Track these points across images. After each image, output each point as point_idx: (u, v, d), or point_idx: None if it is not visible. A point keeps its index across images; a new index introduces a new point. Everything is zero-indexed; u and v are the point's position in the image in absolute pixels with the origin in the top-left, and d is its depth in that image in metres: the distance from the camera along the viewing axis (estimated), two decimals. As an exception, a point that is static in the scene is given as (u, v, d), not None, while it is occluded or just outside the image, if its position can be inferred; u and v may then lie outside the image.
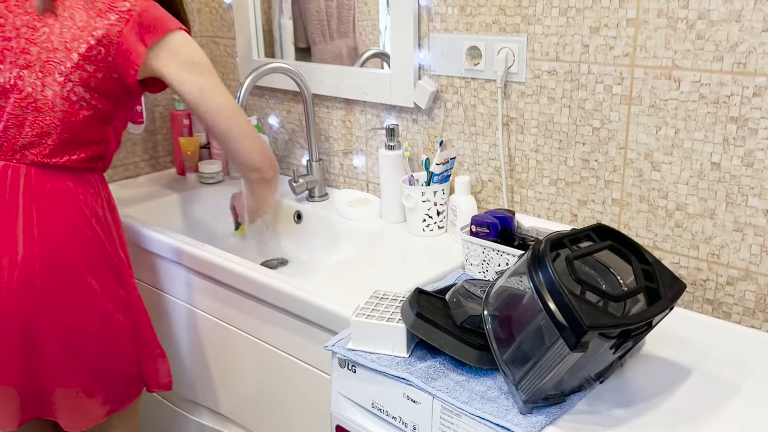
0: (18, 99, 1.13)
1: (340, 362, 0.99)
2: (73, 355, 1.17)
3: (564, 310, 0.75)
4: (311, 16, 1.69)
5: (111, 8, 1.13)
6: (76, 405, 1.20)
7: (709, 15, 1.03)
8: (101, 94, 1.16)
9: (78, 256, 1.17)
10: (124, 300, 1.23)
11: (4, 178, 1.15)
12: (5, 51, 1.14)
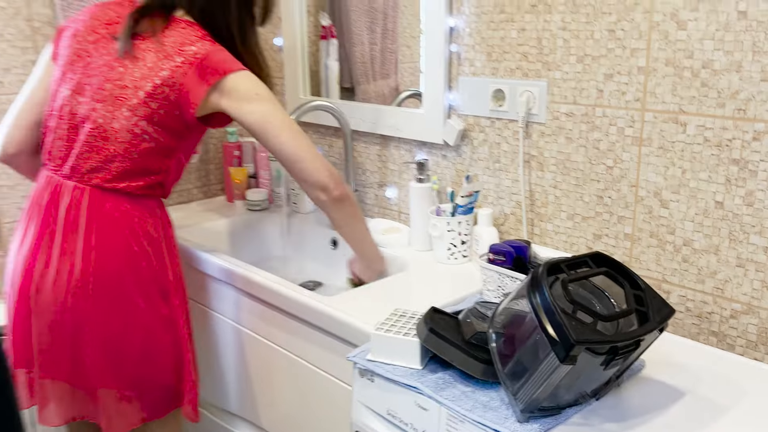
0: (91, 129, 1.28)
1: (360, 372, 1.08)
2: (114, 361, 1.29)
3: (555, 326, 0.83)
4: (356, 58, 1.83)
5: (178, 52, 1.26)
6: (115, 408, 1.31)
7: (712, 65, 1.11)
8: (163, 128, 1.29)
9: (127, 273, 1.29)
10: (167, 318, 1.33)
11: (72, 197, 1.30)
12: (86, 86, 1.29)
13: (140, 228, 1.31)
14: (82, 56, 1.30)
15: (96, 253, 1.27)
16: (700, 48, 1.12)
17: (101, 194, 1.29)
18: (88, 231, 1.28)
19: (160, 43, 1.27)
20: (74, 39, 1.32)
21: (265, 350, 1.44)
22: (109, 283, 1.27)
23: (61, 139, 1.31)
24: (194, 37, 1.28)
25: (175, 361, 1.36)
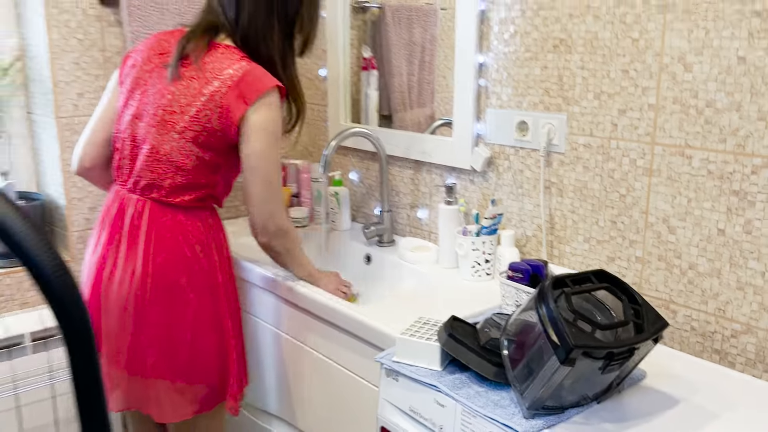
0: (148, 150, 1.43)
1: (387, 372, 1.21)
2: (167, 354, 1.44)
3: (557, 332, 0.95)
4: (394, 88, 1.98)
5: (216, 76, 1.40)
6: (167, 398, 1.45)
7: (715, 104, 1.22)
8: (208, 148, 1.42)
9: (181, 276, 1.44)
10: (214, 317, 1.48)
11: (136, 209, 1.46)
12: (144, 112, 1.44)
13: (193, 236, 1.46)
14: (140, 84, 1.46)
15: (153, 258, 1.43)
16: (704, 88, 1.23)
17: (159, 207, 1.44)
18: (147, 239, 1.43)
19: (201, 69, 1.40)
20: (134, 68, 1.48)
21: (301, 353, 1.57)
22: (164, 284, 1.43)
23: (126, 158, 1.47)
24: (231, 60, 1.41)
25: (219, 358, 1.49)
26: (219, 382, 1.50)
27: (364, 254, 1.87)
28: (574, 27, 1.42)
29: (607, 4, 1.35)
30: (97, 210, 1.87)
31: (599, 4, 1.36)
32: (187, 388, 1.46)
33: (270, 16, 1.45)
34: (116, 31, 1.84)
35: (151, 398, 1.46)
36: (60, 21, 1.75)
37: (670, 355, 1.24)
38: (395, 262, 1.77)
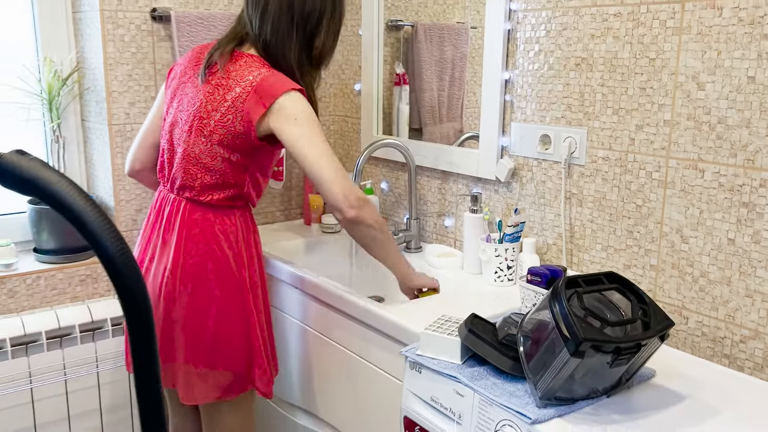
0: (182, 153, 1.55)
1: (411, 365, 1.29)
2: (192, 340, 1.54)
3: (568, 326, 1.03)
4: (425, 103, 2.08)
5: (238, 83, 1.51)
6: (192, 381, 1.55)
7: (726, 120, 1.29)
8: (233, 149, 1.52)
9: (208, 269, 1.53)
10: (239, 309, 1.56)
11: (172, 207, 1.58)
12: (179, 119, 1.57)
13: (222, 233, 1.55)
14: (178, 93, 1.59)
15: (184, 252, 1.54)
16: (716, 106, 1.30)
17: (192, 206, 1.56)
18: (179, 234, 1.55)
19: (225, 76, 1.52)
20: (174, 80, 1.62)
21: (326, 348, 1.67)
22: (191, 276, 1.53)
23: (166, 161, 1.60)
24: (252, 67, 1.51)
25: (245, 348, 1.58)
26: (244, 371, 1.59)
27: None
28: (595, 47, 1.50)
29: (626, 26, 1.44)
30: (142, 212, 2.00)
31: (619, 25, 1.45)
32: (210, 373, 1.55)
33: (291, 29, 1.55)
34: (166, 45, 1.98)
35: (179, 381, 1.57)
36: (115, 36, 1.89)
37: (681, 357, 1.30)
38: (422, 267, 1.85)
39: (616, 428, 1.05)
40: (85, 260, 1.96)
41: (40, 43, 1.99)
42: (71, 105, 2.04)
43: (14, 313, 1.86)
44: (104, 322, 1.88)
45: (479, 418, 1.16)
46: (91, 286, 1.97)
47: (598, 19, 1.49)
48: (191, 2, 2.01)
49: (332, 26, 1.61)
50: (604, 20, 1.47)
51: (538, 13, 1.61)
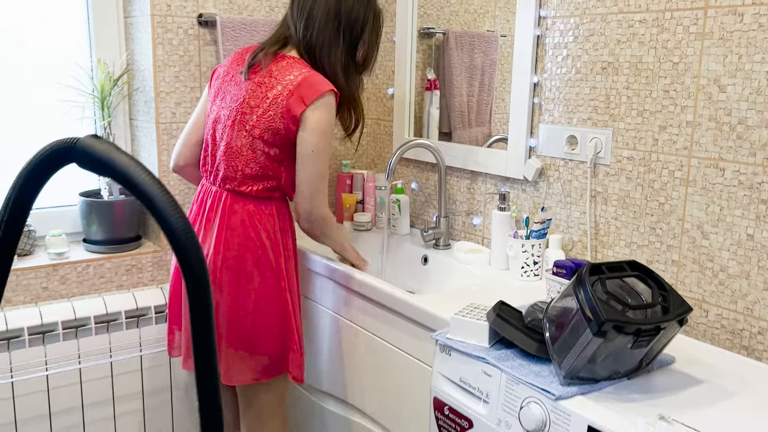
0: (224, 147, 1.66)
1: (441, 348, 1.37)
2: (232, 323, 1.62)
3: (591, 308, 1.10)
4: (455, 108, 2.16)
5: (279, 82, 1.61)
6: (231, 363, 1.64)
7: (746, 121, 1.36)
8: (272, 144, 1.62)
9: (246, 256, 1.63)
10: (275, 296, 1.65)
11: (214, 198, 1.68)
12: (221, 115, 1.67)
13: (259, 223, 1.65)
14: (221, 92, 1.70)
15: (225, 241, 1.63)
16: (737, 107, 1.37)
17: (233, 197, 1.66)
18: (220, 224, 1.65)
19: (268, 75, 1.62)
20: (218, 80, 1.73)
21: (357, 336, 1.75)
22: (232, 264, 1.63)
23: (208, 155, 1.71)
24: (293, 68, 1.61)
25: (280, 332, 1.67)
26: (280, 355, 1.68)
27: (421, 256, 2.04)
28: (621, 51, 1.57)
29: (650, 32, 1.51)
30: (185, 206, 2.10)
31: (644, 31, 1.52)
32: (249, 357, 1.65)
33: (337, 36, 1.66)
34: (211, 49, 2.09)
35: (221, 363, 1.65)
36: (164, 39, 2.01)
37: (700, 347, 1.36)
38: (450, 263, 1.93)
39: (635, 405, 1.11)
40: (131, 251, 2.08)
41: (93, 46, 2.11)
42: (121, 104, 2.16)
43: (65, 298, 1.97)
44: (148, 309, 1.99)
45: (506, 396, 1.23)
46: (136, 276, 2.08)
47: (623, 25, 1.56)
48: (235, 8, 2.12)
49: (374, 34, 1.72)
50: (630, 26, 1.55)
51: (567, 20, 1.69)
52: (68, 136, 0.78)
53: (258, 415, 1.73)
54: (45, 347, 1.84)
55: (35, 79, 2.06)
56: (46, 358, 1.85)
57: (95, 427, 1.96)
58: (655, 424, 1.06)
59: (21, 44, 2.03)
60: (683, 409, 1.10)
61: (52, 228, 2.07)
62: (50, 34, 2.07)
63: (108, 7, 2.12)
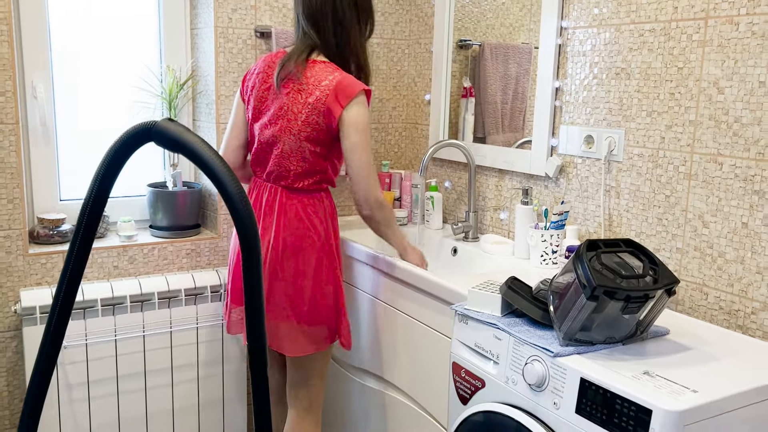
0: (277, 150, 1.85)
1: (459, 318, 1.54)
2: (294, 302, 1.83)
3: (586, 276, 1.26)
4: (489, 114, 2.33)
5: (316, 87, 1.80)
6: (293, 336, 1.84)
7: (741, 120, 1.50)
8: (317, 142, 1.82)
9: (303, 242, 1.83)
10: (329, 276, 1.86)
11: (270, 193, 1.88)
12: (268, 121, 1.85)
13: (312, 212, 1.85)
14: (262, 101, 1.88)
15: (284, 229, 1.84)
16: (733, 107, 1.51)
17: (288, 192, 1.86)
18: (278, 215, 1.85)
19: (305, 82, 1.81)
20: (254, 90, 1.90)
21: (389, 314, 1.93)
22: (291, 248, 1.83)
23: (260, 156, 1.90)
24: (326, 72, 1.80)
25: (334, 306, 1.87)
26: (334, 326, 1.89)
27: (451, 247, 2.22)
28: (632, 58, 1.73)
29: (659, 40, 1.66)
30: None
31: (653, 39, 1.67)
32: (308, 329, 1.85)
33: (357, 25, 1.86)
34: (266, 57, 2.32)
35: (282, 337, 1.85)
36: (225, 48, 2.26)
37: (698, 324, 1.49)
38: (477, 254, 2.10)
39: (625, 364, 1.26)
40: (190, 237, 2.32)
41: (163, 54, 2.38)
42: (186, 106, 2.42)
43: (133, 276, 2.22)
44: (204, 288, 2.22)
45: (512, 356, 1.39)
46: (194, 259, 2.32)
47: (635, 34, 1.72)
48: (288, 21, 2.36)
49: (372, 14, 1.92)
50: (641, 35, 1.70)
51: (585, 30, 1.85)
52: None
53: (306, 378, 1.93)
54: (115, 317, 2.09)
55: (115, 81, 2.33)
56: (115, 327, 2.09)
57: (156, 392, 2.19)
58: (640, 377, 1.21)
59: (102, 52, 2.31)
60: (667, 368, 1.25)
61: (123, 215, 2.33)
62: (126, 44, 2.34)
63: (177, 20, 2.38)
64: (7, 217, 2.02)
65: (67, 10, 2.23)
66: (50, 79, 2.20)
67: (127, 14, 2.33)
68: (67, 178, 2.29)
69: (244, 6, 2.27)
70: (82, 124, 2.31)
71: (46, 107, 2.19)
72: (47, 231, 2.14)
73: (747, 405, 1.19)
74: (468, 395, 1.52)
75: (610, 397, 1.19)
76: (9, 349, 2.07)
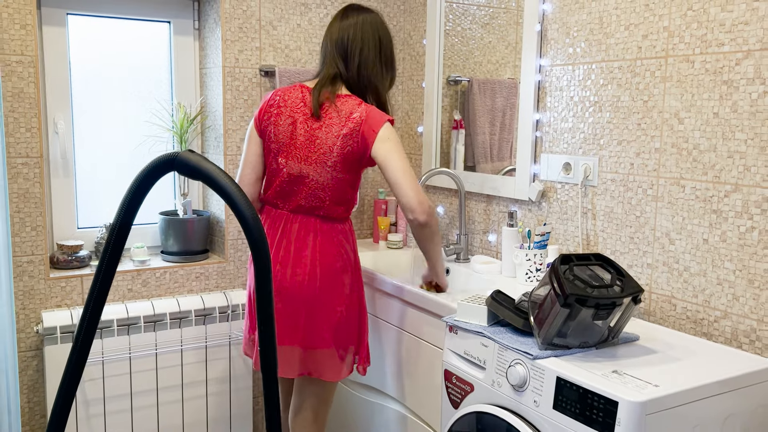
0: (309, 182, 1.93)
1: (450, 328, 1.70)
2: (330, 326, 1.91)
3: (560, 286, 1.42)
4: (478, 144, 2.50)
5: (349, 118, 1.91)
6: (331, 362, 1.92)
7: (699, 147, 1.67)
8: (350, 171, 1.93)
9: (338, 268, 1.92)
10: (358, 298, 1.96)
11: (301, 223, 1.94)
12: (297, 155, 1.93)
13: (343, 238, 1.96)
14: (288, 136, 1.95)
15: (321, 257, 1.92)
16: (692, 136, 1.69)
17: (321, 221, 1.95)
18: (314, 244, 1.93)
19: (336, 116, 1.91)
20: (277, 126, 1.96)
21: (387, 330, 2.08)
22: (329, 274, 1.92)
23: (286, 190, 1.95)
24: (353, 105, 1.92)
25: (360, 331, 1.97)
26: (357, 348, 1.98)
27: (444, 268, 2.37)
28: (604, 93, 1.91)
29: (626, 76, 1.84)
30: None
31: (621, 76, 1.86)
32: (343, 354, 1.94)
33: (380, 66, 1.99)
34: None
35: (322, 364, 1.92)
36: (233, 86, 2.44)
37: (667, 332, 1.65)
38: (468, 273, 2.26)
39: (597, 365, 1.41)
40: (200, 261, 2.47)
41: (174, 91, 2.56)
42: (195, 140, 2.59)
43: (146, 298, 2.37)
44: (213, 309, 2.37)
45: (497, 360, 1.54)
46: (203, 282, 2.47)
47: (606, 71, 1.90)
48: (291, 61, 2.55)
49: (393, 52, 2.05)
50: (610, 72, 1.89)
51: (562, 68, 2.04)
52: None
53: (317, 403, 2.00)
54: (129, 337, 2.23)
55: (129, 117, 2.51)
56: (129, 346, 2.23)
57: (167, 408, 2.33)
58: (609, 375, 1.36)
59: (117, 91, 2.49)
60: (634, 368, 1.40)
61: (136, 242, 2.48)
62: (140, 82, 2.53)
63: (187, 60, 2.57)
64: (31, 243, 2.18)
65: (86, 52, 2.42)
66: (70, 115, 2.38)
67: (141, 55, 2.52)
68: (84, 208, 2.46)
69: (250, 47, 2.46)
70: (98, 157, 2.48)
71: (66, 142, 2.36)
72: (66, 257, 2.30)
73: (703, 398, 1.34)
74: (459, 399, 1.67)
75: (583, 393, 1.34)
76: (30, 367, 2.21)
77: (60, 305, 2.24)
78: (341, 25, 1.98)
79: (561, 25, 2.04)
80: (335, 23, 2.00)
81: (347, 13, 2.01)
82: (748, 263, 1.58)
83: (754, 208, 1.56)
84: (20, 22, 2.10)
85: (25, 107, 2.13)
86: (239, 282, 2.53)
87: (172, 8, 2.53)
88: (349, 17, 1.99)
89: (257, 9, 2.46)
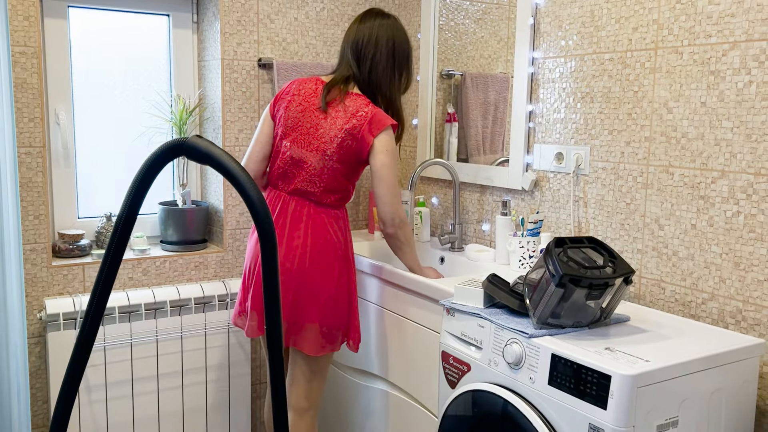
0: (308, 168, 2.03)
1: (447, 311, 1.75)
2: (319, 305, 1.99)
3: (554, 266, 1.47)
4: (471, 137, 2.56)
5: (354, 115, 2.01)
6: (313, 337, 2.00)
7: (687, 135, 1.73)
8: (346, 164, 2.02)
9: (328, 250, 2.00)
10: (346, 279, 2.04)
11: (297, 206, 2.03)
12: (301, 141, 2.04)
13: (335, 223, 2.04)
14: (296, 122, 2.06)
15: (312, 239, 2.01)
16: (680, 125, 1.75)
17: (315, 206, 2.04)
18: (306, 225, 2.02)
19: (343, 110, 2.01)
20: (288, 111, 2.09)
21: (381, 316, 2.13)
22: (318, 255, 2.00)
23: (287, 172, 2.06)
24: (361, 104, 2.02)
25: (348, 310, 2.05)
26: (346, 328, 2.06)
27: (439, 257, 2.43)
28: (595, 84, 1.97)
29: (617, 68, 1.91)
30: (244, 214, 2.54)
31: (612, 67, 1.92)
32: (328, 331, 2.01)
33: (393, 73, 2.08)
34: (268, 86, 2.55)
35: (305, 339, 2.00)
36: (231, 78, 2.48)
37: (657, 313, 1.71)
38: (462, 262, 2.31)
39: (590, 342, 1.47)
40: (198, 251, 2.51)
41: (173, 83, 2.60)
42: (194, 131, 2.63)
43: (146, 286, 2.40)
44: (212, 297, 2.41)
45: (494, 340, 1.60)
46: (202, 271, 2.51)
47: (597, 63, 1.96)
48: (288, 54, 2.59)
49: (411, 62, 2.14)
50: (602, 63, 1.95)
51: (554, 60, 2.10)
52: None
53: (309, 376, 2.08)
54: (130, 324, 2.27)
55: (129, 109, 2.55)
56: (131, 333, 2.27)
57: (167, 394, 2.36)
58: (602, 352, 1.42)
59: (118, 82, 2.53)
60: (626, 345, 1.46)
61: (136, 231, 2.52)
62: (140, 74, 2.56)
63: (186, 53, 2.61)
64: (33, 231, 2.21)
65: (86, 44, 2.45)
66: (71, 106, 2.41)
67: (140, 47, 2.56)
68: (84, 198, 2.49)
69: (248, 40, 2.50)
70: (98, 147, 2.52)
71: (68, 132, 2.39)
72: (67, 245, 2.33)
73: (691, 373, 1.40)
74: (456, 379, 1.72)
75: (577, 369, 1.40)
76: (33, 354, 2.25)
77: (62, 293, 2.27)
78: (358, 28, 2.10)
79: (553, 19, 2.10)
80: (354, 26, 2.12)
81: (366, 17, 2.12)
82: (734, 246, 1.64)
83: (740, 193, 1.63)
84: (23, 14, 2.13)
85: (29, 98, 2.16)
86: (237, 271, 2.57)
87: (172, 1, 2.56)
88: (367, 21, 2.10)
89: (255, 2, 2.51)
